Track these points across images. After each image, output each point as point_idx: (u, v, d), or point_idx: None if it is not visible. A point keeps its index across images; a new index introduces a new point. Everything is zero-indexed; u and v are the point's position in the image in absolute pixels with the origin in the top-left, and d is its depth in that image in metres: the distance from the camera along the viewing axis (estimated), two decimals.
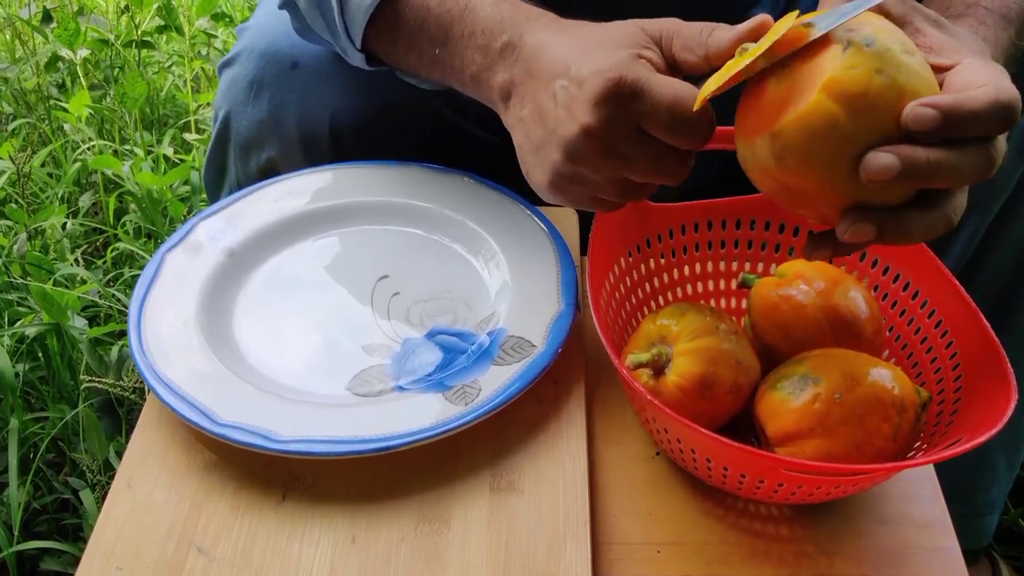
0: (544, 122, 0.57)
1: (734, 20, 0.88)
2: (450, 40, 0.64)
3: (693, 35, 0.56)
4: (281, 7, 0.76)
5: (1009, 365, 0.56)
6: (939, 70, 0.51)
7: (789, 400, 0.57)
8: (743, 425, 0.62)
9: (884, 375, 0.57)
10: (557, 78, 0.56)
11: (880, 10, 0.52)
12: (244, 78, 0.79)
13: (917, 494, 0.62)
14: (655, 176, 0.57)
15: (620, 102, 0.53)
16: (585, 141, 0.55)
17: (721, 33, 0.54)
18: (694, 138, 0.54)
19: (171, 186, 1.39)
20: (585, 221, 0.74)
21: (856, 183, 0.48)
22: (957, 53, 0.52)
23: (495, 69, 0.61)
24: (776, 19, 0.52)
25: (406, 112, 0.79)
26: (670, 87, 0.53)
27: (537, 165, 0.59)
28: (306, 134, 0.78)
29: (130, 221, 1.38)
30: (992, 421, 0.52)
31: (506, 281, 0.70)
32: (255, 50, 0.78)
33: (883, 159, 0.47)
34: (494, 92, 0.62)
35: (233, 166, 0.85)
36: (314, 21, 0.73)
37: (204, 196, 1.43)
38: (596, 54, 0.55)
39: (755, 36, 0.52)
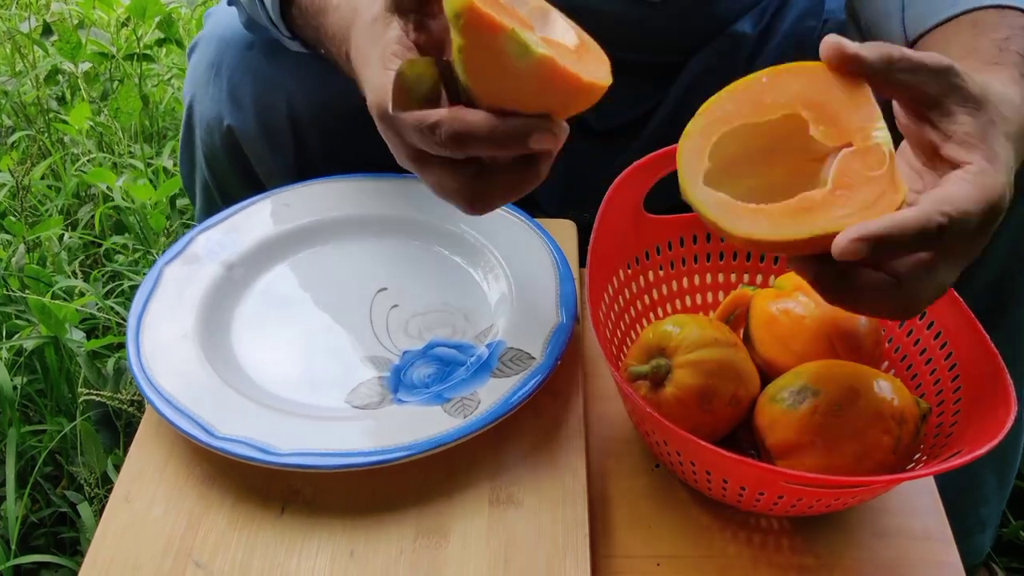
0: None
1: (719, 31, 0.88)
2: (325, 46, 0.67)
3: None
4: (229, 3, 0.79)
5: (1008, 377, 0.56)
6: (951, 165, 0.49)
7: (789, 412, 0.57)
8: (743, 437, 0.62)
9: (884, 387, 0.57)
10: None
11: (919, 89, 0.50)
12: (204, 61, 0.81)
13: (917, 507, 0.62)
14: (448, 198, 0.56)
15: (388, 134, 0.55)
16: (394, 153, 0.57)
17: None
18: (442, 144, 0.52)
19: (167, 198, 1.39)
20: (584, 233, 0.74)
21: None
22: (970, 154, 0.49)
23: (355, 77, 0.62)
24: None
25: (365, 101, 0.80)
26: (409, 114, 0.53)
27: None
28: (263, 114, 0.80)
29: (122, 238, 1.38)
30: (992, 433, 0.52)
31: (505, 293, 0.70)
32: (215, 33, 0.82)
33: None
34: None
35: (200, 149, 0.86)
36: (254, 12, 0.75)
37: (184, 209, 1.43)
38: (368, 75, 0.56)
39: None
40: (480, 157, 0.53)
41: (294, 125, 0.80)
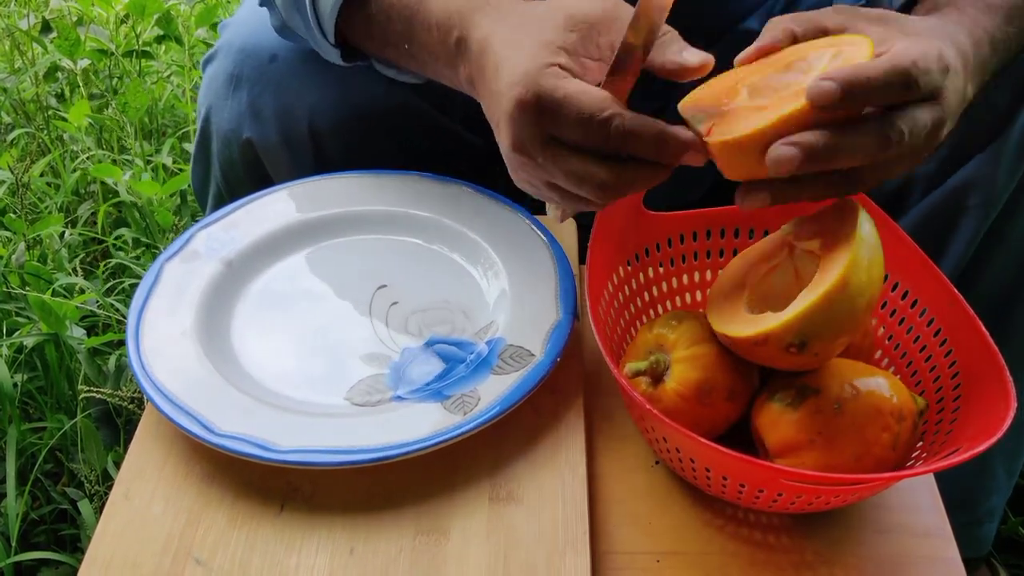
0: (497, 132, 0.59)
1: (729, 28, 0.88)
2: (415, 35, 0.65)
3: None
4: (261, 4, 0.77)
5: (1008, 373, 0.56)
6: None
7: (788, 411, 0.57)
8: (743, 434, 0.62)
9: (882, 384, 0.57)
10: (490, 85, 0.58)
11: (820, 23, 0.56)
12: (223, 73, 0.80)
13: (917, 503, 0.62)
14: (579, 186, 0.56)
15: (528, 119, 0.54)
16: (512, 155, 0.57)
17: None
18: (608, 142, 0.54)
19: (170, 195, 1.39)
20: (584, 230, 0.74)
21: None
22: (890, 40, 0.54)
23: (457, 64, 0.62)
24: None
25: (388, 111, 0.79)
26: (577, 99, 0.53)
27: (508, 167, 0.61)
28: (285, 126, 0.79)
29: (127, 231, 1.38)
30: (991, 430, 0.52)
31: (505, 290, 0.70)
32: (234, 45, 0.80)
33: (784, 151, 0.50)
34: (464, 86, 0.63)
35: (216, 160, 0.85)
36: (291, 17, 0.74)
37: (193, 207, 1.43)
38: (516, 58, 0.56)
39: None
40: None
41: (314, 135, 0.79)
